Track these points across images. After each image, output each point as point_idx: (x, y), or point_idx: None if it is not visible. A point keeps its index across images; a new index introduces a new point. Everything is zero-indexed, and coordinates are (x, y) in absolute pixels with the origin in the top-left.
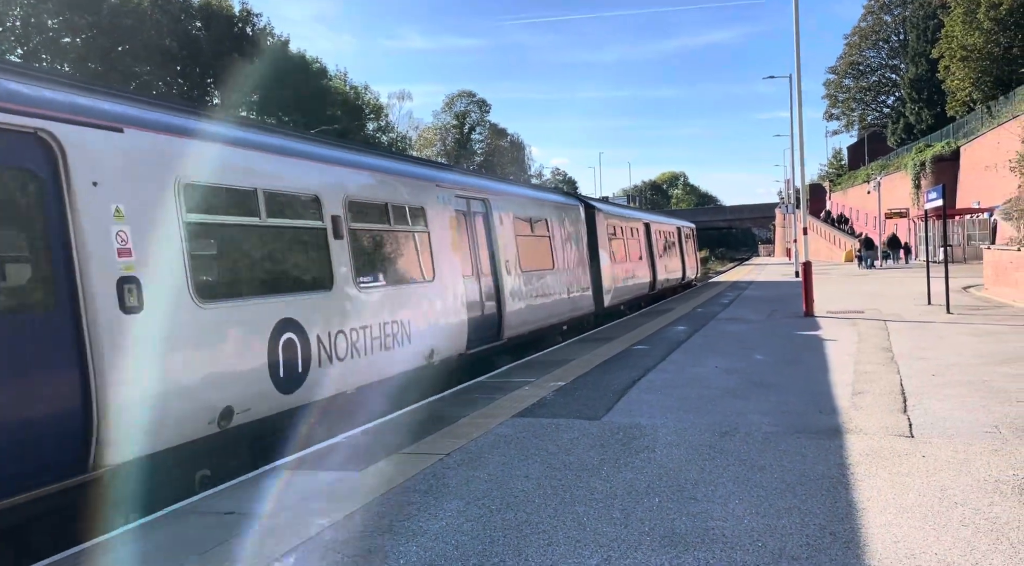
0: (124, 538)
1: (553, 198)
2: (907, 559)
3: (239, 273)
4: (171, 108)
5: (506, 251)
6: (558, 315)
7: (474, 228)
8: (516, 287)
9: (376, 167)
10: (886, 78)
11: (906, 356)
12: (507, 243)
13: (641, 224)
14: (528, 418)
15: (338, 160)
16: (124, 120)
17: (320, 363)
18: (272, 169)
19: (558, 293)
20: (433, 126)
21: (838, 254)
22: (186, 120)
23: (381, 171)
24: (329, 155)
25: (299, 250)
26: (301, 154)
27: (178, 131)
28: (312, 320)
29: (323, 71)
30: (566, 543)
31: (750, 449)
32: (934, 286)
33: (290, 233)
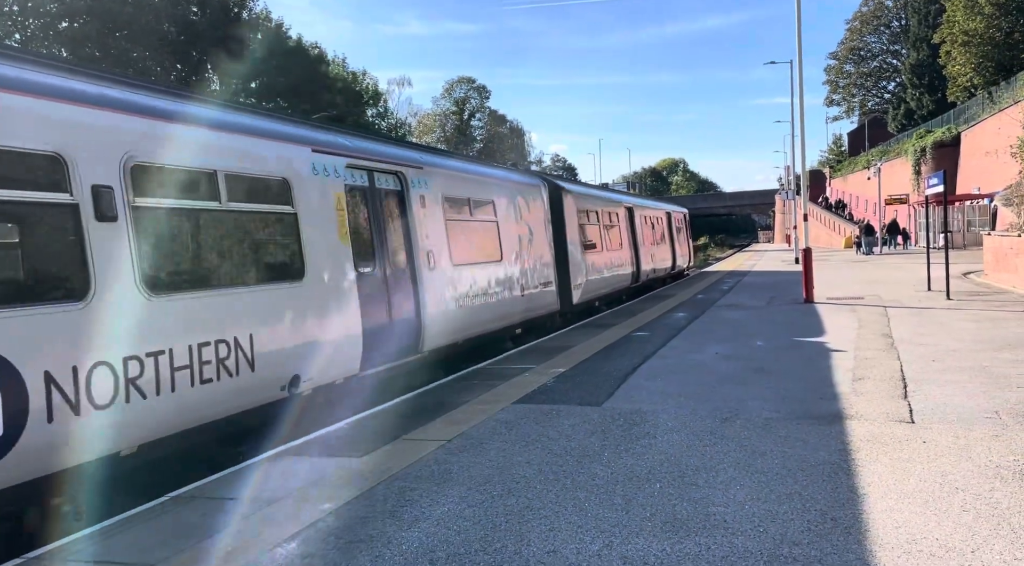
0: (121, 526)
1: (503, 175)
2: (908, 544)
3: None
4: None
5: (429, 240)
6: (507, 317)
7: (380, 210)
8: (443, 285)
9: (195, 118)
10: (887, 64)
11: (906, 342)
12: (432, 230)
13: (622, 208)
14: (529, 404)
15: (108, 102)
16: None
17: (52, 416)
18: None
19: (507, 291)
20: (432, 112)
21: (838, 240)
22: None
23: (206, 125)
24: (81, 91)
25: (29, 240)
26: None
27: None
28: (35, 351)
29: (321, 57)
30: (568, 528)
31: (751, 435)
32: (934, 272)
33: (19, 212)
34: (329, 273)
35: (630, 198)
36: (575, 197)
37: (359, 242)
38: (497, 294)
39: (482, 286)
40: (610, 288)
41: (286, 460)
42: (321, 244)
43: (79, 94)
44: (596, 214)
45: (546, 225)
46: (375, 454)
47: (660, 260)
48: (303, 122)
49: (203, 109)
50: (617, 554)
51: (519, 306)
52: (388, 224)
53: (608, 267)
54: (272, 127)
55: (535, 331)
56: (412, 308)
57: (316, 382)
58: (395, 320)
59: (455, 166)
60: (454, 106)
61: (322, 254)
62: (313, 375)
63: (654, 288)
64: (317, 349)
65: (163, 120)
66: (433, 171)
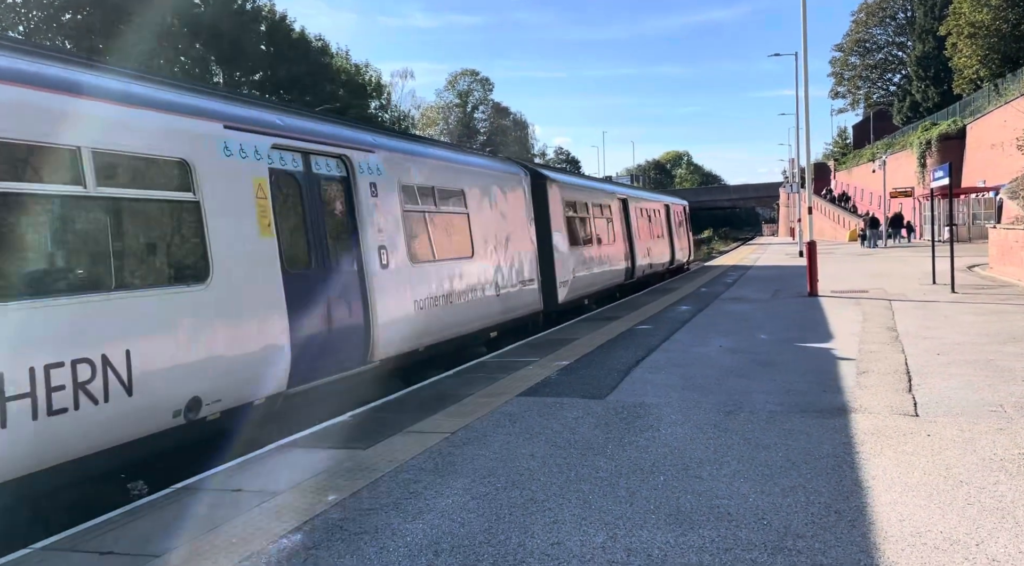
0: (126, 517)
1: (477, 162)
2: (912, 537)
3: None
4: None
5: (383, 234)
6: (479, 320)
7: (319, 199)
8: (399, 285)
9: (46, 80)
10: (892, 56)
11: (911, 335)
12: (386, 222)
13: (615, 200)
14: (533, 397)
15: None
16: None
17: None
18: None
19: (479, 290)
20: (436, 105)
21: (842, 233)
22: None
23: (64, 88)
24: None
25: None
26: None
27: None
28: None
29: (325, 49)
30: (572, 521)
31: (755, 428)
32: (939, 265)
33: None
34: (245, 274)
35: (624, 189)
36: (561, 187)
37: (289, 237)
38: (467, 294)
39: (449, 286)
40: (601, 285)
41: (291, 452)
42: (233, 239)
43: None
44: (586, 206)
45: (528, 217)
46: (379, 446)
47: (657, 255)
48: (218, 93)
49: (63, 70)
50: (621, 546)
51: (494, 307)
52: (328, 216)
53: (599, 263)
54: (165, 97)
55: (516, 334)
56: (359, 312)
57: (227, 404)
58: (336, 327)
59: (417, 151)
60: (457, 98)
61: (235, 251)
62: (222, 396)
63: (651, 284)
64: (226, 365)
65: (20, 85)
66: (388, 155)
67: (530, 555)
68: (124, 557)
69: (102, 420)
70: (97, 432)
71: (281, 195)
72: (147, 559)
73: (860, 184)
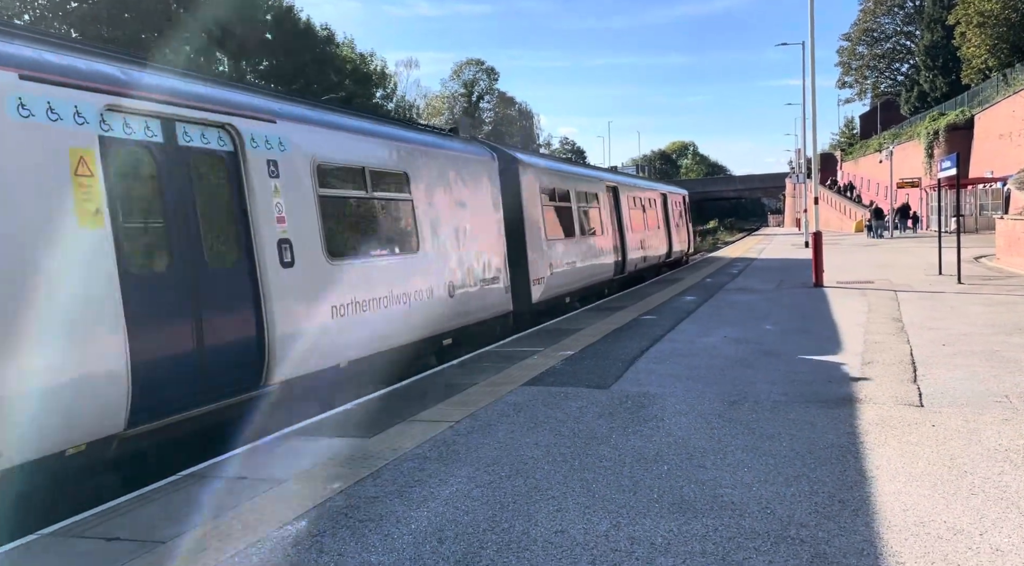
0: (133, 503)
1: (426, 141)
2: (917, 527)
3: None
4: None
5: (285, 224)
6: (425, 326)
7: (187, 180)
8: (309, 288)
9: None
10: (900, 45)
11: (916, 326)
12: (293, 210)
13: (603, 188)
14: (537, 386)
15: None
16: None
17: None
18: None
19: (427, 291)
20: (441, 94)
21: (848, 224)
22: None
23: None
24: None
25: None
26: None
27: None
28: None
29: (330, 38)
30: (576, 509)
31: (759, 418)
32: (945, 256)
33: None
34: (52, 275)
35: (615, 176)
36: (537, 173)
37: (134, 229)
38: (409, 296)
39: (383, 287)
40: (585, 282)
41: (296, 440)
42: (34, 229)
43: None
44: (568, 194)
45: (494, 206)
46: (384, 434)
47: (652, 247)
48: (16, 30)
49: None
50: (625, 534)
51: (446, 310)
52: (203, 201)
53: (583, 257)
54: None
55: (479, 341)
56: (249, 324)
57: (14, 459)
58: (210, 345)
59: (340, 123)
60: (463, 88)
61: (35, 246)
62: (4, 447)
63: (645, 279)
64: (14, 404)
65: None
66: (297, 128)
67: (534, 543)
68: (130, 543)
69: None
70: None
71: (123, 173)
72: (153, 545)
73: (867, 175)
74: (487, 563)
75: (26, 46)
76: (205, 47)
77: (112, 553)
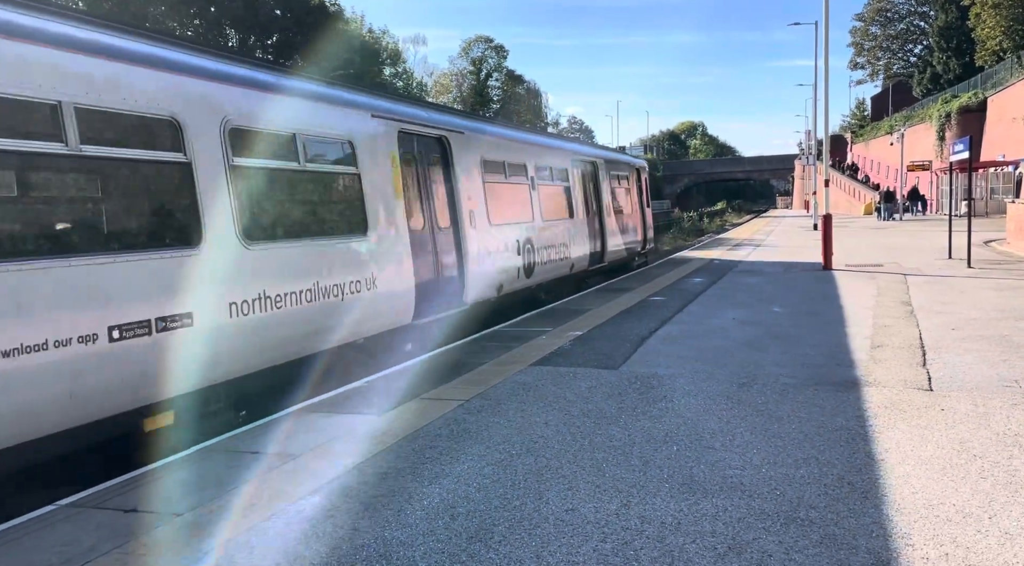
0: (150, 476)
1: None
2: (925, 509)
3: None
4: None
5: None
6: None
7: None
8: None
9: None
10: (914, 26)
11: (926, 310)
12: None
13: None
14: (547, 366)
15: None
16: None
17: None
18: None
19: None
20: (449, 72)
21: (857, 207)
22: None
23: None
24: None
25: None
26: None
27: None
28: None
29: (339, 14)
30: (586, 488)
31: (768, 400)
32: (955, 240)
33: None
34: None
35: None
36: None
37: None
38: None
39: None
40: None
41: (309, 416)
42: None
43: None
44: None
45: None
46: (395, 412)
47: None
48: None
49: None
50: (635, 513)
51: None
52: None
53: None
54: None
55: None
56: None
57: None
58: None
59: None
60: (471, 66)
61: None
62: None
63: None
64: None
65: None
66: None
67: (545, 520)
68: (148, 514)
69: None
70: None
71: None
72: (170, 517)
73: (877, 157)
74: (499, 539)
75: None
76: (215, 20)
77: (128, 524)
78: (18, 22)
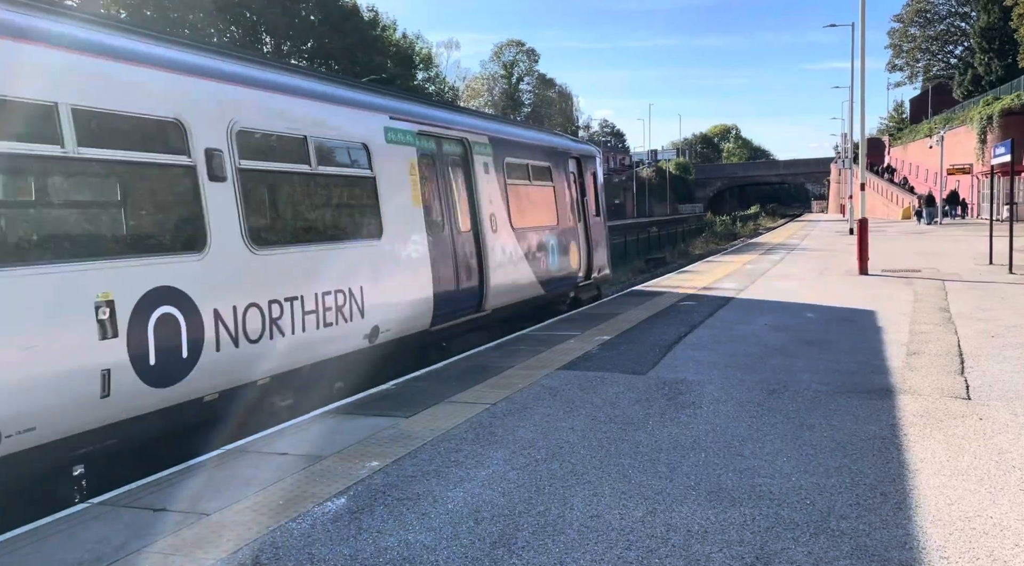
0: (178, 476)
1: None
2: (961, 522)
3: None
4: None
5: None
6: None
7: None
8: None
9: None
10: (955, 27)
11: (964, 316)
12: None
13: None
14: (573, 371)
15: None
16: None
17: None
18: None
19: None
20: (481, 76)
21: (895, 211)
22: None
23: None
24: None
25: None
26: None
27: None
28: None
29: (374, 20)
30: (611, 495)
31: (799, 407)
32: (997, 245)
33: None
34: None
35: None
36: None
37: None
38: None
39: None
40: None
41: (335, 418)
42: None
43: None
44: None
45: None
46: (421, 415)
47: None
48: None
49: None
50: (661, 521)
51: None
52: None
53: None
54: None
55: None
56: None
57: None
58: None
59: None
60: (502, 70)
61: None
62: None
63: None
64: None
65: None
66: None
67: (569, 526)
68: (176, 514)
69: None
70: None
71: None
72: (198, 516)
73: (915, 160)
74: (523, 545)
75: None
76: (252, 26)
77: (158, 523)
78: None
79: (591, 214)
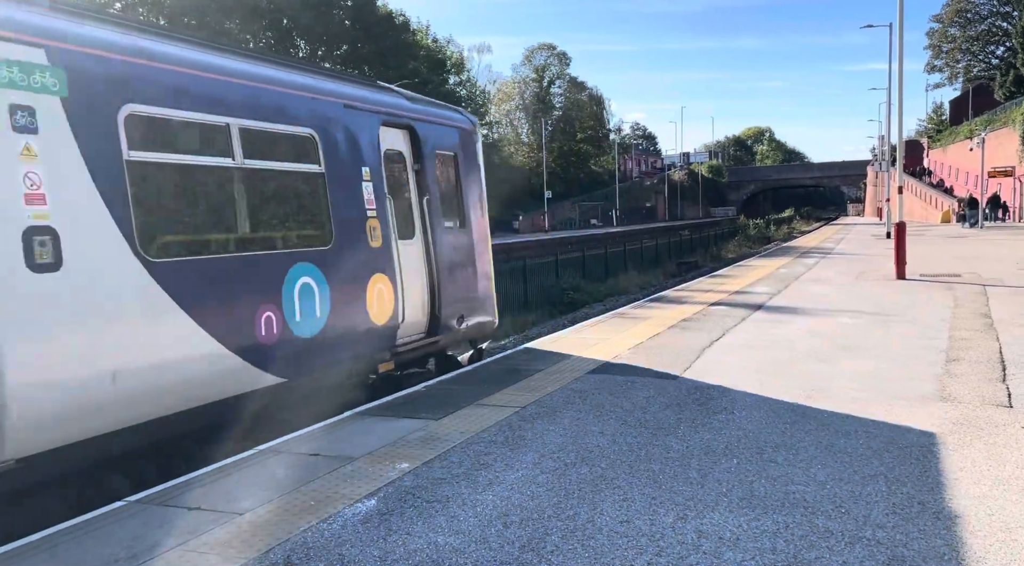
0: (212, 476)
1: None
2: (1003, 533)
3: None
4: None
5: None
6: None
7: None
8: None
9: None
10: (996, 27)
11: (1007, 323)
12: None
13: None
14: (604, 374)
15: None
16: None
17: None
18: None
19: None
20: (512, 79)
21: (934, 214)
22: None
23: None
24: None
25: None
26: None
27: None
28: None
29: (406, 25)
30: (641, 500)
31: (834, 414)
32: None
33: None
34: None
35: None
36: None
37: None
38: None
39: None
40: None
41: (366, 420)
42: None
43: None
44: None
45: None
46: (451, 417)
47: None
48: None
49: None
50: (692, 527)
51: None
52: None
53: None
54: None
55: None
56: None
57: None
58: None
59: None
60: (534, 74)
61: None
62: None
63: None
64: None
65: None
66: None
67: (599, 532)
68: (210, 513)
69: None
70: None
71: None
72: (231, 516)
73: (955, 163)
74: (551, 549)
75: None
76: (286, 33)
77: (193, 521)
78: None
79: (447, 220)
